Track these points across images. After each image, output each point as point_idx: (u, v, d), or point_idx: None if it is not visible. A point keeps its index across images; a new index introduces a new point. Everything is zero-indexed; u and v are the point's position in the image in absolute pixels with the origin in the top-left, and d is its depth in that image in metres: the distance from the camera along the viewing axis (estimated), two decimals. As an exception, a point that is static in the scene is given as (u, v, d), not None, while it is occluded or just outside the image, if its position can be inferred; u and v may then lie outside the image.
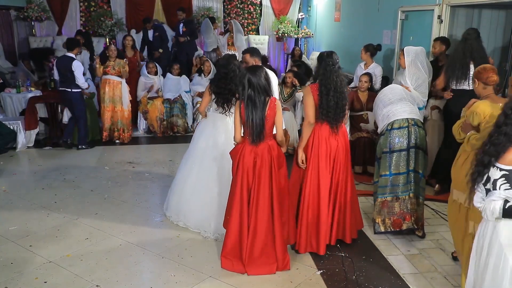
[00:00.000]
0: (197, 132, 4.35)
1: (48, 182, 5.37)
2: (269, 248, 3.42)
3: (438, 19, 5.90)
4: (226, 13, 11.70)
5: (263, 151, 3.35)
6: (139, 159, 6.26)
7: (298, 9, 11.93)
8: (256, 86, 3.24)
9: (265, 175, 3.35)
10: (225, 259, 3.47)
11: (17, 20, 10.27)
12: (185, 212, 4.18)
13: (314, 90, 3.58)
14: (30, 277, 3.35)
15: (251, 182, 3.36)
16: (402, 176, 3.95)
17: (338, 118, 3.59)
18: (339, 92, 3.55)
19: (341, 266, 3.53)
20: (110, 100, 6.91)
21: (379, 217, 4.03)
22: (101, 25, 10.51)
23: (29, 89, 7.35)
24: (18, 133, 6.63)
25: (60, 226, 4.20)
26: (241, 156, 3.36)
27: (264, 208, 3.36)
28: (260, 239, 3.39)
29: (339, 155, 3.65)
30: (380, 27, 7.40)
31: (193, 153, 4.25)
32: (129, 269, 3.48)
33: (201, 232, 4.04)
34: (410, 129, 3.91)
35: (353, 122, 5.73)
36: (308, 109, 3.61)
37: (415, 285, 3.28)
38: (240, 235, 3.41)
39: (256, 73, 3.26)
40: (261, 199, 3.36)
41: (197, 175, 4.16)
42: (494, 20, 6.06)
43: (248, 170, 3.35)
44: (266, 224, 3.38)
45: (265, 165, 3.34)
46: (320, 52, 3.82)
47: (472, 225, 2.96)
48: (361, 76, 5.73)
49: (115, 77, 6.85)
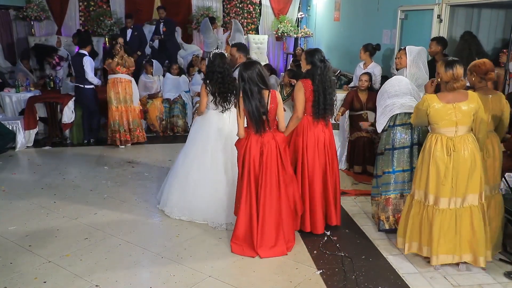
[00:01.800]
0: (194, 128, 4.47)
1: (48, 182, 5.36)
2: (279, 232, 3.65)
3: (437, 18, 5.90)
4: (226, 13, 11.69)
5: (269, 141, 3.57)
6: (139, 159, 6.26)
7: (298, 8, 11.94)
8: (248, 80, 3.46)
9: (271, 163, 3.57)
10: (235, 244, 3.69)
11: (16, 20, 10.26)
12: (190, 206, 4.27)
13: (307, 86, 3.78)
14: (29, 277, 3.35)
15: (257, 171, 3.58)
16: (406, 174, 3.93)
17: (330, 113, 3.90)
18: (332, 88, 3.84)
19: (340, 266, 3.53)
20: (124, 100, 6.67)
21: (383, 214, 4.01)
22: (101, 25, 10.51)
23: (28, 89, 7.34)
24: (17, 133, 6.63)
25: (60, 226, 4.20)
26: (248, 147, 3.58)
27: (272, 194, 3.59)
28: (270, 224, 3.61)
29: (328, 145, 3.94)
30: (379, 27, 7.40)
31: (193, 149, 4.36)
32: (129, 269, 3.48)
33: (208, 224, 4.18)
34: (413, 125, 3.89)
35: (352, 121, 5.73)
36: (298, 104, 3.80)
37: (415, 285, 3.28)
38: (250, 222, 3.63)
39: (249, 68, 3.49)
40: (269, 186, 3.58)
41: (198, 169, 4.27)
42: (494, 20, 6.06)
43: (254, 159, 3.57)
44: (275, 209, 3.61)
45: (272, 154, 3.57)
46: (307, 50, 4.01)
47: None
48: (361, 75, 5.72)
49: (124, 76, 6.68)
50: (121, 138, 6.73)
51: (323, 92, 3.76)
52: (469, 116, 3.26)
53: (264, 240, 3.61)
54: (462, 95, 3.28)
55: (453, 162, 3.27)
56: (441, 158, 3.29)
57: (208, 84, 4.17)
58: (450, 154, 3.27)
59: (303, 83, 3.80)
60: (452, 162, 3.27)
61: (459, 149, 3.27)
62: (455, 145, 3.27)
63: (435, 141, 3.33)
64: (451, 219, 3.34)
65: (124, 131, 6.74)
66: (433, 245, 3.37)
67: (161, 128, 7.54)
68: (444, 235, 3.36)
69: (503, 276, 3.40)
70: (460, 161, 3.26)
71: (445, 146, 3.29)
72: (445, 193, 3.31)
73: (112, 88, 6.63)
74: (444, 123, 3.29)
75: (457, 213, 3.34)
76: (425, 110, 3.32)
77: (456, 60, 3.33)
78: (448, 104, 3.27)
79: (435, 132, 3.36)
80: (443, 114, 3.27)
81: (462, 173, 3.27)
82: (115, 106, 6.65)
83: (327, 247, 3.82)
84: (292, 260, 3.60)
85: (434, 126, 3.35)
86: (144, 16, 11.14)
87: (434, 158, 3.31)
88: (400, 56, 4.57)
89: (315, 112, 3.80)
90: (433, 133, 3.38)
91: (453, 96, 3.28)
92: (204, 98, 4.22)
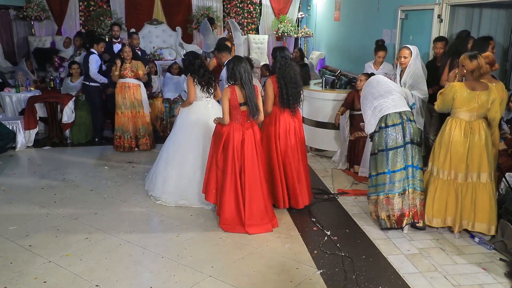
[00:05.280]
0: (181, 118, 4.84)
1: (48, 181, 5.36)
2: (263, 210, 4.05)
3: (438, 18, 5.89)
4: (226, 13, 11.69)
5: (248, 129, 4.02)
6: (139, 158, 6.26)
7: (298, 8, 11.94)
8: (244, 72, 3.92)
9: (252, 149, 4.01)
10: (225, 225, 4.06)
11: (16, 20, 10.27)
12: (188, 193, 4.62)
13: (274, 82, 4.30)
14: (29, 277, 3.35)
15: (240, 156, 3.99)
16: (400, 173, 4.01)
17: (295, 103, 4.35)
18: (294, 82, 4.28)
19: (341, 265, 3.52)
20: (132, 106, 6.40)
21: (384, 213, 4.07)
22: (101, 25, 10.51)
23: (28, 89, 7.34)
24: (17, 133, 6.62)
25: (60, 226, 4.20)
26: (231, 134, 3.98)
27: (255, 177, 4.01)
28: (255, 204, 4.02)
29: (294, 131, 4.41)
30: (380, 26, 7.40)
31: (185, 137, 4.72)
32: (129, 268, 3.48)
33: (204, 207, 4.54)
34: (405, 124, 4.00)
35: (353, 121, 5.72)
36: (268, 100, 4.33)
37: (415, 285, 3.28)
38: (236, 204, 4.00)
39: (242, 61, 3.96)
40: (251, 169, 4.00)
41: (192, 157, 4.65)
42: (494, 20, 6.06)
43: (237, 146, 3.97)
44: (258, 190, 4.02)
45: (251, 141, 4.01)
46: (273, 48, 4.57)
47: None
48: (360, 75, 5.70)
49: (133, 80, 6.37)
50: (124, 145, 6.50)
51: (285, 85, 4.24)
52: (487, 105, 3.72)
53: (252, 219, 4.00)
54: (483, 86, 3.73)
55: (469, 143, 3.74)
56: (459, 140, 3.75)
57: (195, 78, 4.63)
58: (467, 136, 3.74)
59: (271, 79, 4.32)
60: (468, 143, 3.74)
61: (475, 132, 3.74)
62: (472, 128, 3.74)
63: (455, 124, 3.79)
64: (467, 191, 3.81)
65: (129, 138, 6.49)
66: (456, 214, 3.88)
67: (161, 128, 7.53)
68: (462, 206, 3.84)
69: (503, 276, 3.40)
70: (475, 142, 3.74)
71: (463, 129, 3.75)
72: (462, 169, 3.78)
73: (119, 93, 6.38)
74: (466, 108, 3.73)
75: (474, 186, 3.80)
76: (452, 96, 3.74)
77: (478, 52, 3.83)
78: (473, 91, 3.70)
79: (455, 116, 3.81)
80: (468, 101, 3.71)
81: (477, 152, 3.74)
82: (121, 112, 6.40)
83: (328, 247, 3.81)
84: (292, 260, 3.60)
85: (457, 110, 3.78)
86: (144, 16, 11.15)
87: (453, 140, 3.77)
88: (405, 55, 4.61)
89: (280, 102, 4.30)
90: (453, 117, 3.82)
91: (477, 85, 3.73)
92: (192, 89, 4.63)
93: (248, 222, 3.98)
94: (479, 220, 3.83)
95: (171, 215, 4.43)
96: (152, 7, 11.19)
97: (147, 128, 6.59)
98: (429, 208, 3.98)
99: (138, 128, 6.53)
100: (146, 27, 11.01)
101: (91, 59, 6.70)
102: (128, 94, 6.37)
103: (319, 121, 6.23)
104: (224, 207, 4.02)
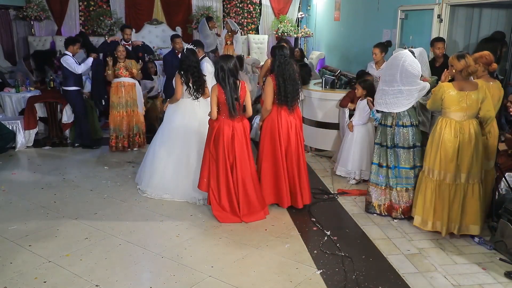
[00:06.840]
0: (168, 114, 4.92)
1: (48, 181, 5.36)
2: (255, 200, 4.25)
3: (438, 18, 5.89)
4: (226, 13, 11.69)
5: (239, 124, 4.18)
6: (139, 158, 6.24)
7: (298, 8, 11.93)
8: (227, 71, 4.03)
9: (242, 143, 4.19)
10: (218, 212, 4.24)
11: (16, 20, 10.26)
12: (170, 186, 4.77)
13: (273, 80, 4.33)
14: (29, 277, 3.34)
15: (231, 150, 4.15)
16: (384, 169, 4.32)
17: (293, 101, 4.39)
18: (292, 79, 4.33)
19: (341, 265, 3.52)
20: (126, 105, 6.39)
21: (376, 202, 4.40)
22: (101, 25, 10.51)
23: (28, 89, 7.33)
24: (17, 133, 6.62)
25: (60, 226, 4.20)
26: (221, 129, 4.12)
27: (246, 169, 4.21)
28: (248, 194, 4.22)
29: (295, 130, 4.45)
30: (380, 26, 7.40)
31: (173, 134, 4.82)
32: (129, 268, 3.48)
33: (188, 201, 4.68)
34: (394, 129, 4.19)
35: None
36: (267, 98, 4.37)
37: (415, 285, 3.28)
38: (229, 194, 4.21)
39: (229, 60, 4.08)
40: (243, 162, 4.18)
41: (176, 152, 4.78)
42: (494, 20, 6.06)
43: (228, 140, 4.13)
44: (249, 181, 4.22)
45: (241, 135, 4.18)
46: (272, 46, 4.61)
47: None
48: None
49: (128, 79, 6.36)
50: (117, 145, 6.49)
51: (284, 83, 4.29)
52: (477, 104, 3.74)
53: (246, 209, 4.22)
54: (473, 85, 3.75)
55: (459, 143, 3.74)
56: (449, 139, 3.76)
57: (182, 75, 4.66)
58: (457, 136, 3.74)
59: (271, 78, 4.36)
60: (458, 143, 3.74)
61: (465, 132, 3.74)
62: (462, 128, 3.74)
63: (445, 124, 3.80)
64: (455, 194, 3.81)
65: (122, 137, 6.48)
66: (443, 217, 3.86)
67: (161, 128, 7.52)
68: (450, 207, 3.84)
69: (503, 276, 3.40)
70: (465, 142, 3.74)
71: (453, 128, 3.75)
72: (451, 169, 3.80)
73: (115, 93, 6.36)
74: (455, 108, 3.74)
75: (463, 188, 3.80)
76: (441, 96, 3.77)
77: (465, 52, 3.87)
78: (461, 91, 3.72)
79: (445, 116, 3.83)
80: (456, 101, 3.73)
81: (466, 153, 3.75)
82: (117, 111, 6.38)
83: (327, 247, 3.81)
84: (292, 260, 3.60)
85: (446, 110, 3.80)
86: (144, 16, 11.15)
87: (443, 139, 3.78)
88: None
89: (278, 99, 4.34)
90: (444, 117, 3.84)
91: (465, 85, 3.74)
92: (179, 87, 4.68)
93: (243, 212, 4.21)
94: (469, 223, 3.85)
95: (171, 215, 4.43)
96: (152, 7, 11.18)
97: (140, 127, 6.62)
98: (419, 208, 4.02)
99: (132, 127, 6.55)
100: (146, 27, 11.00)
101: (67, 62, 6.39)
102: (124, 93, 6.38)
103: (319, 121, 6.23)
104: (221, 196, 4.22)
